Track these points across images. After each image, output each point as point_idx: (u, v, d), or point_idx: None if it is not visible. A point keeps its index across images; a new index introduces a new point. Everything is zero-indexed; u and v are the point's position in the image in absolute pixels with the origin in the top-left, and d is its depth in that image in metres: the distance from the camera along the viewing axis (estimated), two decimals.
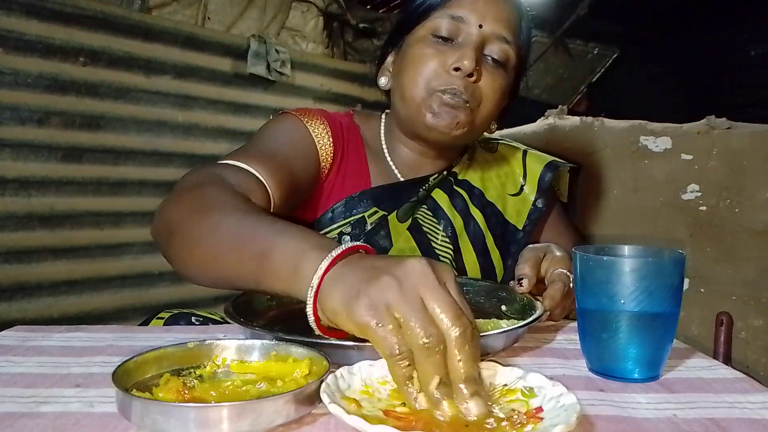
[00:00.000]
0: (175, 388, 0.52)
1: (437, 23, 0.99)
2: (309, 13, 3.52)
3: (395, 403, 0.54)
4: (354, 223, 1.03)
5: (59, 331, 0.79)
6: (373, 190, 1.05)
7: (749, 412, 0.56)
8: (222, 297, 0.83)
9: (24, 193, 2.33)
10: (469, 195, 1.12)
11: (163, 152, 2.77)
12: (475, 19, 0.98)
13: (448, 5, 0.99)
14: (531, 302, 0.83)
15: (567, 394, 0.51)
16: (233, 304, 0.78)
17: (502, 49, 0.99)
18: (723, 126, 1.70)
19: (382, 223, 1.05)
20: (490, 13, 0.98)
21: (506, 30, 0.99)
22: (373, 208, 1.04)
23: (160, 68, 2.73)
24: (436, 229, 1.08)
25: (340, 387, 0.54)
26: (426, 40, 0.99)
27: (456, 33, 0.98)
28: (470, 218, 1.10)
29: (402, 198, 1.06)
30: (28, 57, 2.30)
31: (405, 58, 1.02)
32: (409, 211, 1.07)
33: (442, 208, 1.09)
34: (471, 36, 0.98)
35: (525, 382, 0.55)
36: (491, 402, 0.53)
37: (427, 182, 1.09)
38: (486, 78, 0.99)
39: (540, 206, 1.12)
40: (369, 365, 0.58)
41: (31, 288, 2.34)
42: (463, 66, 0.95)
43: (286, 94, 3.28)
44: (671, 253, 0.67)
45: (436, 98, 0.97)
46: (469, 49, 0.96)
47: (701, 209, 1.72)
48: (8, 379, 0.62)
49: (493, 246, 1.11)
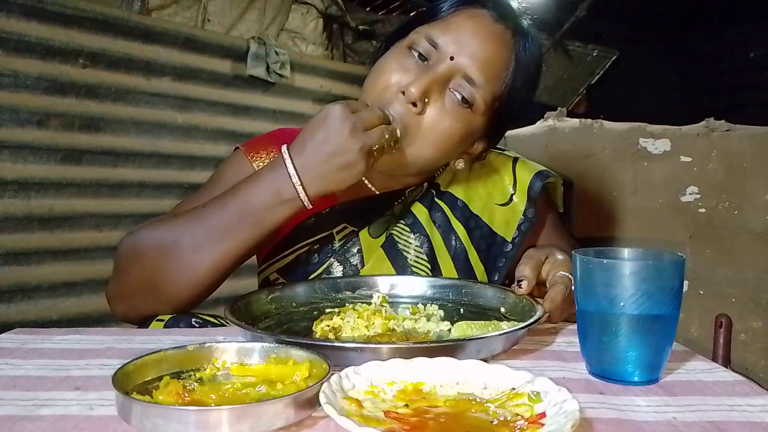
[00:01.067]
0: (175, 391, 0.52)
1: (417, 39, 0.94)
2: (309, 15, 3.52)
3: (399, 404, 0.54)
4: (321, 239, 1.02)
5: (59, 333, 0.79)
6: (343, 206, 1.03)
7: (749, 415, 0.56)
8: (222, 299, 0.84)
9: (23, 194, 2.32)
10: (450, 208, 1.06)
11: (162, 154, 2.76)
12: (450, 49, 0.91)
13: (434, 24, 0.94)
14: (531, 304, 0.83)
15: (570, 401, 0.50)
16: (233, 307, 0.78)
17: (468, 90, 0.91)
18: (722, 128, 1.71)
19: (354, 240, 1.02)
20: (469, 48, 0.91)
21: (479, 72, 0.91)
22: (342, 224, 1.02)
23: (160, 70, 2.73)
24: (409, 244, 1.03)
25: (343, 387, 0.55)
26: (401, 51, 0.95)
27: (428, 56, 0.93)
28: (451, 232, 1.05)
29: (374, 212, 1.04)
30: (27, 59, 2.30)
31: (378, 62, 0.98)
32: (382, 227, 1.04)
33: (420, 222, 1.05)
34: (438, 65, 0.91)
35: (533, 386, 0.55)
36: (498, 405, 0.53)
37: (403, 195, 1.05)
38: (434, 114, 0.91)
39: (530, 216, 1.06)
40: (377, 365, 0.58)
41: (30, 289, 2.34)
42: (408, 92, 0.89)
43: (286, 95, 3.28)
44: (671, 255, 0.67)
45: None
46: (426, 77, 0.89)
47: (700, 211, 1.72)
48: (8, 381, 0.62)
49: (476, 261, 1.06)
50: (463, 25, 0.93)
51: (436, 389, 0.57)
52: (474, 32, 0.92)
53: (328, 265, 1.03)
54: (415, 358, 0.60)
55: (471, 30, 0.92)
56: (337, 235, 1.03)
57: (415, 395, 0.56)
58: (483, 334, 0.74)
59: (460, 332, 0.76)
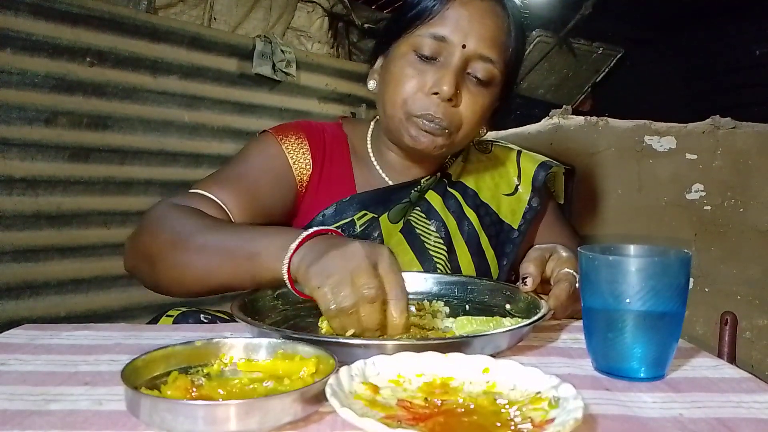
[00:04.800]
0: (183, 386, 0.53)
1: (420, 41, 0.97)
2: (314, 13, 3.52)
3: (418, 395, 0.54)
4: (344, 226, 1.04)
5: (67, 329, 0.79)
6: (360, 195, 1.07)
7: (756, 411, 0.56)
8: (229, 295, 0.84)
9: (31, 192, 2.33)
10: (462, 196, 1.12)
11: (169, 152, 2.78)
12: (458, 38, 0.96)
13: (431, 22, 0.97)
14: (535, 301, 0.83)
15: (576, 410, 0.48)
16: (240, 303, 0.78)
17: (486, 69, 0.98)
18: (728, 125, 1.70)
19: (374, 225, 1.05)
20: (474, 31, 0.96)
21: (491, 49, 0.97)
22: (363, 211, 1.05)
23: (167, 68, 2.73)
24: (428, 230, 1.08)
25: (365, 372, 0.56)
26: (408, 58, 0.98)
27: (438, 52, 0.97)
28: (464, 219, 1.11)
29: (392, 201, 1.07)
30: (35, 57, 2.31)
31: (388, 71, 1.02)
32: (400, 213, 1.07)
33: (435, 209, 1.10)
34: (453, 57, 0.96)
35: (556, 392, 0.53)
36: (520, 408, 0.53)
37: (418, 185, 1.09)
38: (467, 101, 0.98)
39: (535, 205, 1.12)
40: (409, 356, 0.59)
41: (39, 287, 2.35)
42: (442, 92, 0.94)
43: (292, 94, 3.28)
44: (677, 252, 0.67)
45: (413, 123, 0.98)
46: (449, 72, 0.95)
47: (706, 209, 1.71)
48: (17, 377, 0.62)
49: (487, 246, 1.11)
50: (461, 13, 0.97)
51: (464, 385, 0.57)
52: (473, 15, 0.97)
53: None
54: (443, 353, 0.61)
55: (469, 14, 0.97)
56: (358, 221, 1.05)
57: (440, 389, 0.56)
58: (483, 329, 0.75)
59: (460, 327, 0.77)
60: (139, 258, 0.91)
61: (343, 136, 1.13)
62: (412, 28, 0.99)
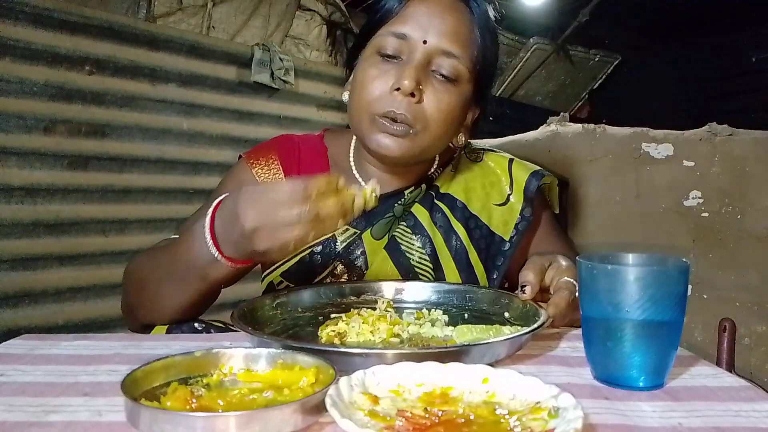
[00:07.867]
0: (182, 397, 0.53)
1: (382, 42, 0.98)
2: (312, 21, 3.53)
3: (418, 405, 0.54)
4: (323, 242, 1.04)
5: (67, 339, 0.79)
6: None
7: (755, 420, 0.56)
8: (227, 304, 0.84)
9: (30, 200, 2.34)
10: (450, 209, 1.09)
11: (168, 160, 2.78)
12: (418, 35, 0.95)
13: (391, 22, 0.97)
14: (534, 309, 0.83)
15: (576, 420, 0.49)
16: (240, 312, 0.78)
17: (451, 64, 0.96)
18: (725, 132, 1.71)
19: (357, 242, 1.04)
20: (434, 27, 0.96)
21: (453, 44, 0.96)
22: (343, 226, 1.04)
23: (165, 76, 2.75)
24: (413, 246, 1.06)
25: (365, 382, 0.56)
26: (372, 60, 0.98)
27: (400, 50, 0.97)
28: (452, 233, 1.07)
29: (374, 214, 1.05)
30: (34, 66, 2.32)
31: (355, 78, 1.02)
32: (384, 228, 1.06)
33: (422, 224, 1.07)
34: (414, 53, 0.95)
35: (556, 402, 0.53)
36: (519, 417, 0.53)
37: (402, 196, 1.07)
38: (431, 97, 0.96)
39: (527, 216, 1.09)
40: (409, 366, 0.59)
41: (37, 295, 2.35)
42: (403, 86, 0.93)
43: (290, 101, 3.29)
44: (675, 261, 0.67)
45: (377, 126, 0.96)
46: (409, 67, 0.94)
47: (704, 215, 1.72)
48: (17, 387, 0.62)
49: (476, 260, 1.08)
50: (421, 10, 0.97)
51: (464, 395, 0.57)
52: (432, 12, 0.97)
53: (332, 267, 1.04)
54: (445, 363, 0.60)
55: (429, 11, 0.97)
56: (339, 237, 1.04)
57: (440, 399, 0.56)
58: (483, 337, 0.75)
59: (460, 336, 0.77)
60: (127, 311, 0.96)
61: (324, 148, 1.13)
62: (376, 31, 0.99)
